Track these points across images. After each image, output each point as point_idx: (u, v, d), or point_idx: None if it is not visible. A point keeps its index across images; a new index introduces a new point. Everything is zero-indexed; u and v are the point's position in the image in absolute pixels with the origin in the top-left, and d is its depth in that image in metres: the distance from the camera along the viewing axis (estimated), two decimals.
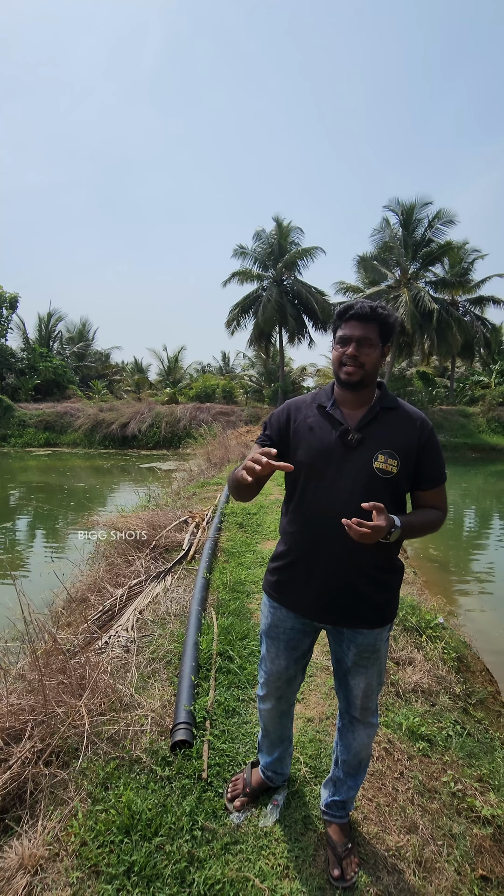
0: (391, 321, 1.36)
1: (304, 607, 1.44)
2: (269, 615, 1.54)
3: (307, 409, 1.46)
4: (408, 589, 4.41)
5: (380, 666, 1.48)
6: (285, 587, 1.48)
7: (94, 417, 24.16)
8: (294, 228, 25.00)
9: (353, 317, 1.34)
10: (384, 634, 1.45)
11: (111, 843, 1.52)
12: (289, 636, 1.50)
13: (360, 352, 1.33)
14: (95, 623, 3.29)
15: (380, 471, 1.31)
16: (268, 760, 1.74)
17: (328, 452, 1.36)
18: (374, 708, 1.54)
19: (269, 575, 1.54)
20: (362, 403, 1.40)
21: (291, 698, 1.63)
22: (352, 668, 1.46)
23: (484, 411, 23.85)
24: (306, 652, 1.55)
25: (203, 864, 1.48)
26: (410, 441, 1.35)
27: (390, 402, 1.41)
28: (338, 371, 1.38)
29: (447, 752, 2.20)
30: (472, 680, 3.38)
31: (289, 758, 1.77)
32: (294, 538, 1.45)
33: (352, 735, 1.55)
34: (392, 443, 1.34)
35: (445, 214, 21.91)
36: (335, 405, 1.41)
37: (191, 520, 5.23)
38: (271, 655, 1.54)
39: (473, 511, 11.93)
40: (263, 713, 1.65)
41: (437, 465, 1.39)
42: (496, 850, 1.76)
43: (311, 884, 1.47)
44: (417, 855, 1.63)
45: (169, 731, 2.00)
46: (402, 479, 1.34)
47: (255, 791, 1.74)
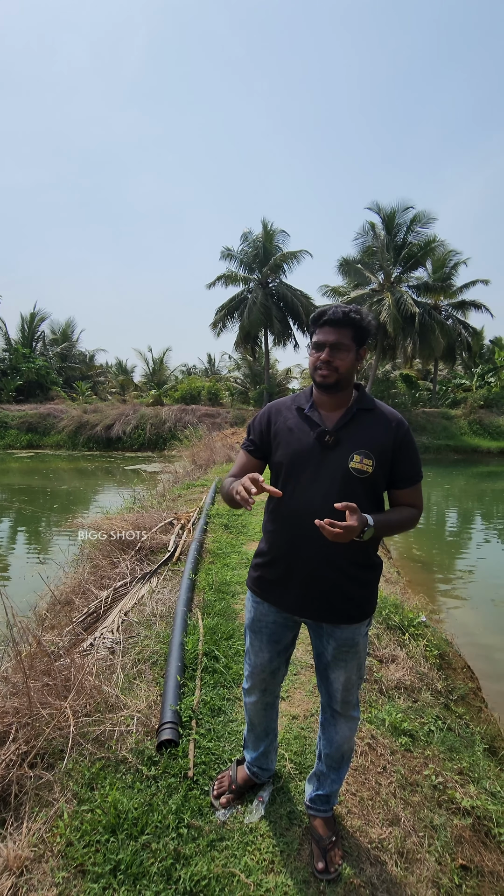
0: (365, 325, 1.39)
1: (285, 603, 1.48)
2: (252, 610, 1.58)
3: (287, 411, 1.50)
4: (391, 588, 4.48)
5: (359, 660, 1.51)
6: (267, 583, 1.52)
7: (77, 419, 23.93)
8: (279, 231, 25.17)
9: (327, 322, 1.37)
10: (363, 629, 1.48)
11: (97, 842, 1.52)
12: (271, 630, 1.54)
13: (333, 356, 1.36)
14: (80, 625, 3.27)
15: (355, 470, 1.35)
16: (253, 756, 1.76)
17: (306, 453, 1.40)
18: (355, 702, 1.57)
19: (252, 571, 1.59)
20: (340, 405, 1.44)
21: (276, 690, 1.66)
22: (332, 662, 1.50)
23: (466, 414, 24.28)
24: (289, 645, 1.59)
25: (189, 861, 1.49)
26: (386, 441, 1.39)
27: (367, 404, 1.44)
28: (313, 375, 1.42)
29: (429, 746, 2.24)
30: (454, 676, 3.45)
31: (274, 753, 1.80)
32: (274, 536, 1.49)
33: (334, 729, 1.58)
34: (368, 443, 1.37)
35: (425, 216, 22.27)
36: (313, 407, 1.45)
37: (176, 521, 5.23)
38: (255, 648, 1.58)
39: (456, 512, 12.13)
40: (249, 706, 1.68)
41: (412, 465, 1.43)
42: (475, 840, 1.81)
43: (296, 877, 1.50)
44: (399, 846, 1.67)
45: (155, 730, 2.01)
46: (379, 479, 1.38)
47: (241, 788, 1.75)
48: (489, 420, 23.94)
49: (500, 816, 1.93)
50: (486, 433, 23.49)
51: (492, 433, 23.47)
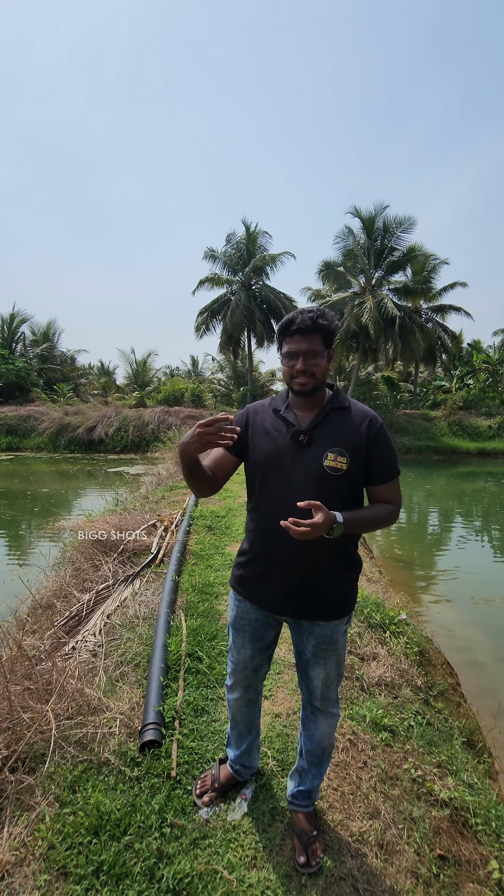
0: (333, 328, 1.40)
1: (265, 601, 1.51)
2: (235, 608, 1.60)
3: (264, 412, 1.53)
4: (372, 587, 4.54)
5: (338, 657, 1.54)
6: (248, 582, 1.55)
7: (59, 421, 23.63)
8: (262, 233, 25.25)
9: (297, 332, 1.38)
10: (342, 627, 1.51)
11: (79, 844, 1.52)
12: (253, 627, 1.57)
13: (308, 364, 1.39)
14: (62, 628, 3.24)
15: (329, 468, 1.37)
16: (236, 754, 1.77)
17: (282, 453, 1.42)
18: (335, 698, 1.60)
19: (235, 570, 1.61)
20: (314, 405, 1.47)
21: (258, 687, 1.69)
22: (311, 659, 1.52)
23: (445, 415, 24.70)
24: (271, 643, 1.61)
25: (172, 860, 1.50)
26: (359, 438, 1.41)
27: (341, 402, 1.47)
28: (290, 383, 1.45)
29: (408, 741, 2.29)
30: (434, 673, 3.52)
31: (256, 751, 1.82)
32: (254, 535, 1.52)
33: (314, 725, 1.61)
34: (341, 441, 1.40)
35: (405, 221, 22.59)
36: (289, 408, 1.49)
37: (159, 523, 5.22)
38: (237, 646, 1.61)
39: (437, 512, 12.32)
40: (232, 703, 1.70)
41: (387, 461, 1.45)
42: (453, 831, 1.85)
43: (279, 871, 1.52)
44: (379, 839, 1.70)
45: (138, 732, 2.01)
46: (354, 476, 1.41)
47: (224, 786, 1.77)
48: (468, 421, 24.38)
49: (477, 807, 1.98)
50: (465, 434, 23.92)
51: (471, 434, 23.91)
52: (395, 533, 9.58)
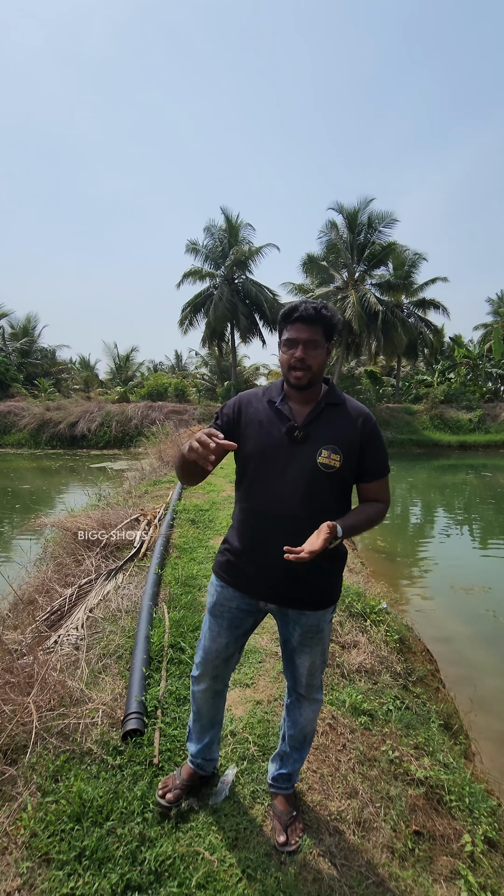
0: (335, 322, 1.41)
1: (252, 589, 1.50)
2: (216, 594, 1.57)
3: (258, 402, 1.50)
4: (354, 578, 4.61)
5: (323, 645, 1.56)
6: (233, 569, 1.53)
7: (40, 417, 23.28)
8: (244, 225, 25.10)
9: (299, 319, 1.38)
10: (328, 616, 1.54)
11: (62, 831, 1.54)
12: (233, 615, 1.54)
13: (307, 354, 1.38)
14: (44, 623, 3.23)
15: (323, 465, 1.37)
16: (197, 748, 1.72)
17: (275, 447, 1.41)
18: (319, 685, 1.63)
19: (219, 556, 1.59)
20: (310, 400, 1.47)
21: (226, 678, 1.66)
22: (297, 647, 1.54)
23: (427, 409, 25.04)
24: (247, 632, 1.60)
25: (154, 843, 1.53)
26: (353, 436, 1.42)
27: (336, 399, 1.47)
28: (287, 374, 1.43)
29: (387, 724, 2.35)
30: (413, 660, 3.60)
31: (217, 744, 1.77)
32: (243, 529, 1.50)
33: (298, 711, 1.64)
34: (335, 438, 1.40)
35: (387, 216, 22.74)
36: (284, 401, 1.47)
37: (142, 518, 5.21)
38: (213, 633, 1.57)
39: (419, 504, 12.52)
40: (197, 695, 1.66)
41: (379, 459, 1.47)
42: (428, 808, 1.92)
43: (258, 851, 1.56)
44: (357, 817, 1.76)
45: (120, 722, 2.03)
46: (346, 473, 1.42)
47: (187, 783, 1.70)
48: (449, 415, 24.76)
49: (451, 785, 2.05)
50: (446, 428, 24.30)
51: (452, 427, 24.30)
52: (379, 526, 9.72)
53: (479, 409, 25.11)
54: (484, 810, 2.00)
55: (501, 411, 25.13)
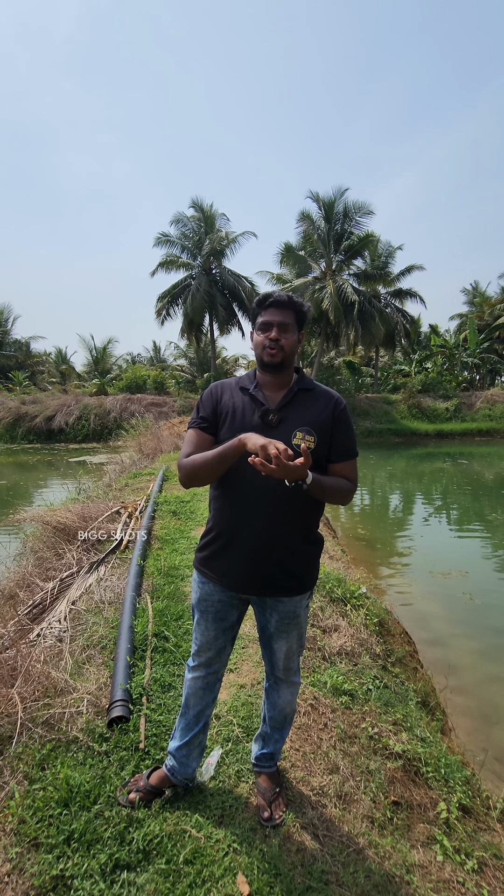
0: (304, 310, 1.51)
1: (229, 581, 1.51)
2: (199, 589, 1.59)
3: (232, 390, 1.54)
4: (335, 564, 4.70)
5: (300, 630, 1.61)
6: (212, 562, 1.55)
7: (15, 411, 22.85)
8: (219, 215, 24.87)
9: (273, 304, 1.47)
10: (304, 602, 1.58)
11: (50, 817, 1.56)
12: (217, 608, 1.56)
13: (280, 335, 1.45)
14: (27, 617, 3.22)
15: (298, 447, 1.42)
16: (177, 745, 1.66)
17: (251, 431, 1.43)
18: (296, 668, 1.68)
19: (198, 552, 1.61)
20: (282, 386, 1.52)
21: (220, 670, 1.66)
22: (274, 633, 1.58)
23: (405, 398, 25.42)
24: (234, 623, 1.61)
25: (142, 824, 1.56)
26: (325, 418, 1.48)
27: (307, 384, 1.54)
28: (261, 354, 1.48)
29: (367, 703, 2.43)
30: (392, 642, 3.71)
31: (198, 751, 1.69)
32: (219, 514, 1.53)
33: (277, 694, 1.69)
34: (309, 420, 1.46)
35: (364, 207, 22.81)
36: (257, 388, 1.52)
37: (123, 510, 5.20)
38: (201, 627, 1.60)
39: (398, 492, 12.75)
40: (189, 682, 1.65)
41: (348, 440, 1.53)
42: (406, 779, 2.00)
43: (244, 826, 1.61)
44: (338, 790, 1.82)
45: (105, 710, 2.05)
46: (320, 455, 1.47)
47: (152, 790, 1.66)
48: (427, 404, 25.19)
49: (428, 757, 2.14)
50: (423, 417, 24.73)
51: (429, 417, 24.74)
52: (358, 513, 9.88)
53: (455, 399, 25.61)
54: (458, 780, 2.09)
55: (477, 400, 25.68)
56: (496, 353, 29.65)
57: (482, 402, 25.37)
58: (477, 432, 23.69)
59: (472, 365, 28.60)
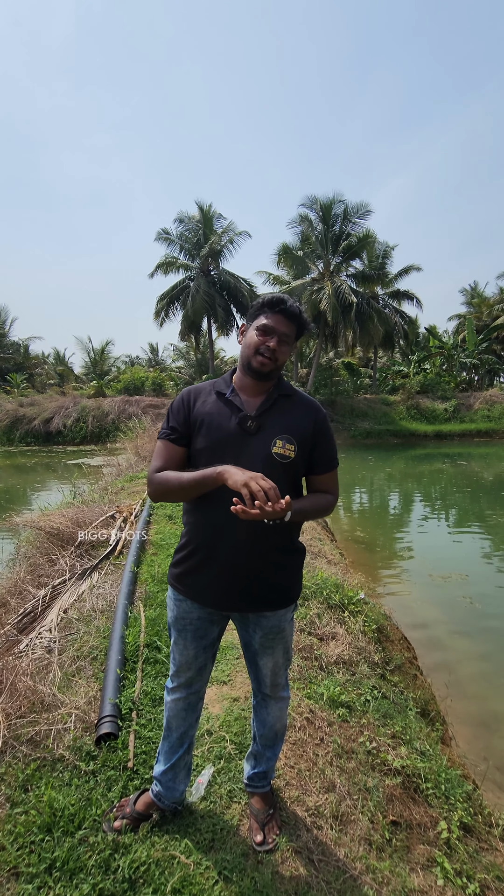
0: (307, 328, 1.46)
1: (208, 598, 1.43)
2: (175, 607, 1.50)
3: (207, 395, 1.45)
4: (332, 569, 4.63)
5: (285, 644, 1.53)
6: (188, 578, 1.45)
7: (13, 413, 22.76)
8: (217, 215, 24.83)
9: (283, 312, 1.38)
10: (288, 615, 1.50)
11: (31, 843, 1.49)
12: (195, 626, 1.47)
13: (279, 347, 1.37)
14: (16, 626, 3.14)
15: (278, 455, 1.34)
16: (161, 769, 1.58)
17: (227, 439, 1.36)
18: (284, 683, 1.60)
19: (173, 567, 1.51)
20: (262, 391, 1.44)
21: (201, 690, 1.58)
22: (259, 650, 1.50)
23: (404, 399, 25.38)
24: (215, 640, 1.53)
25: (129, 850, 1.49)
26: (306, 426, 1.40)
27: (287, 390, 1.46)
28: (251, 357, 1.38)
29: (364, 715, 2.36)
30: (391, 648, 3.64)
31: (185, 773, 1.62)
32: (193, 528, 1.43)
33: (265, 711, 1.62)
34: (289, 428, 1.38)
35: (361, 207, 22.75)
36: (234, 392, 1.43)
37: (118, 514, 5.12)
38: (179, 647, 1.51)
39: (397, 494, 12.69)
40: (170, 705, 1.56)
41: (329, 450, 1.46)
42: (405, 797, 1.93)
43: (235, 851, 1.54)
44: (335, 810, 1.75)
45: (94, 725, 1.98)
46: (299, 464, 1.40)
47: (139, 816, 1.58)
48: (425, 405, 25.16)
49: (427, 772, 2.07)
50: (422, 418, 24.69)
51: (427, 417, 24.70)
52: (357, 516, 9.81)
53: (453, 399, 25.57)
54: (459, 796, 2.03)
55: (475, 401, 25.65)
56: (495, 354, 29.64)
57: (481, 403, 25.34)
58: (476, 433, 23.65)
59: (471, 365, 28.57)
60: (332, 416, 24.23)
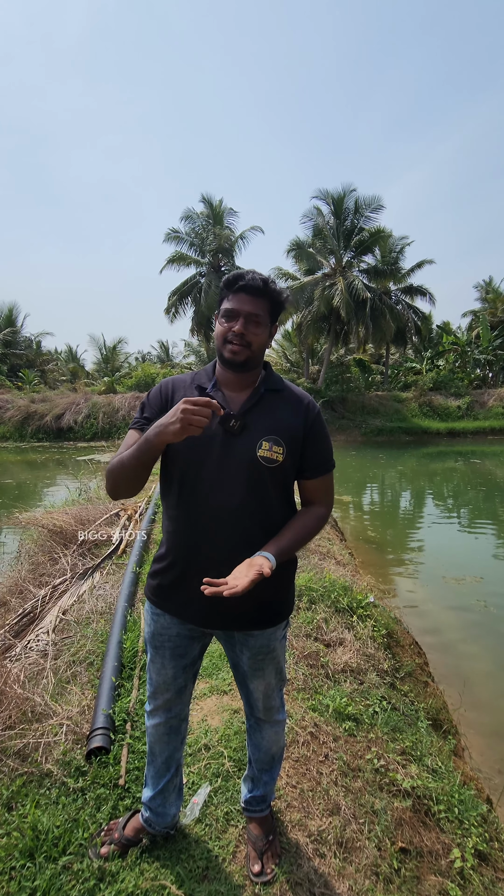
0: (282, 299, 1.25)
1: (188, 613, 1.29)
2: (152, 622, 1.37)
3: (186, 390, 1.29)
4: (341, 571, 4.50)
5: (277, 665, 1.40)
6: (166, 591, 1.32)
7: (25, 409, 22.87)
8: (228, 210, 24.67)
9: (243, 289, 1.20)
10: (279, 633, 1.36)
11: (12, 869, 1.39)
12: (174, 643, 1.34)
13: (247, 330, 1.20)
14: (14, 627, 3.07)
15: (264, 459, 1.20)
16: (149, 795, 1.48)
17: (208, 440, 1.20)
18: (279, 705, 1.48)
19: (150, 579, 1.37)
20: (246, 385, 1.28)
21: (182, 712, 1.45)
22: (248, 672, 1.37)
23: (416, 396, 25.02)
24: (196, 659, 1.40)
25: (115, 878, 1.39)
26: (296, 425, 1.25)
27: (276, 384, 1.30)
28: (221, 348, 1.23)
29: (372, 729, 2.23)
30: (402, 654, 3.50)
31: (176, 795, 1.52)
32: (174, 537, 1.29)
33: (259, 735, 1.49)
34: (277, 428, 1.23)
35: (374, 201, 22.44)
36: (216, 387, 1.28)
37: (123, 512, 5.04)
38: (157, 666, 1.38)
39: (409, 492, 12.48)
40: (150, 730, 1.44)
41: (323, 452, 1.30)
42: (415, 821, 1.80)
43: (231, 882, 1.43)
44: (339, 836, 1.63)
45: (85, 738, 1.88)
46: (289, 468, 1.25)
47: (128, 841, 1.48)
48: (438, 402, 24.77)
49: (440, 793, 1.94)
50: (435, 415, 24.32)
51: (440, 415, 24.32)
52: (368, 515, 9.64)
53: (467, 396, 25.14)
54: (474, 819, 1.89)
55: (489, 398, 25.20)
56: None
57: (495, 400, 24.89)
58: (490, 431, 23.23)
59: (485, 362, 28.06)
60: (343, 413, 24.00)
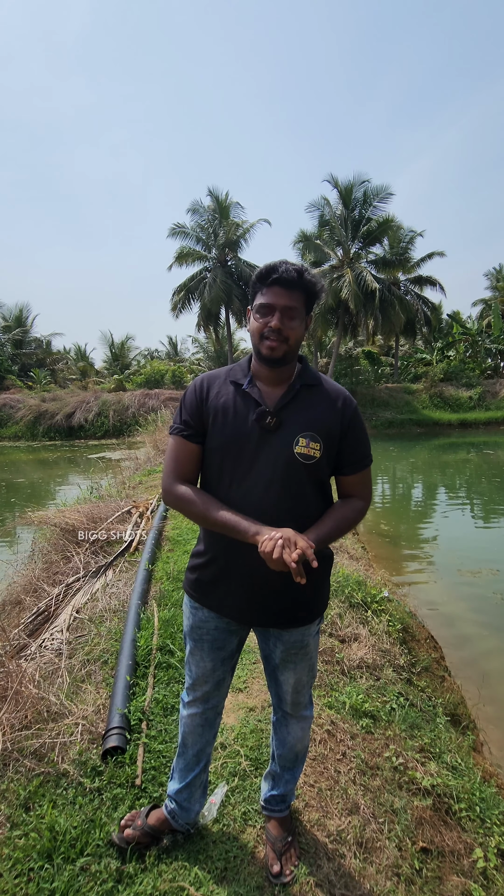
0: (318, 289, 1.23)
1: (226, 609, 1.31)
2: (191, 616, 1.39)
3: (222, 386, 1.28)
4: (354, 565, 4.46)
5: (310, 661, 1.40)
6: (205, 587, 1.34)
7: (36, 408, 23.08)
8: (234, 204, 24.49)
9: (277, 282, 1.18)
10: (313, 629, 1.36)
11: (30, 870, 1.38)
12: (213, 636, 1.36)
13: (284, 324, 1.18)
14: (29, 626, 3.08)
15: (301, 456, 1.19)
16: (176, 788, 1.48)
17: (244, 437, 1.21)
18: (307, 701, 1.47)
19: (189, 573, 1.40)
20: (282, 380, 1.26)
21: (219, 705, 1.46)
22: (280, 665, 1.38)
23: (427, 388, 24.74)
24: (234, 652, 1.41)
25: (133, 880, 1.38)
26: (333, 421, 1.23)
27: (312, 379, 1.27)
28: (258, 345, 1.22)
29: (390, 726, 2.20)
30: (417, 649, 3.46)
31: (201, 791, 1.52)
32: (211, 535, 1.30)
33: (286, 730, 1.48)
34: (314, 424, 1.21)
35: (382, 190, 22.07)
36: (252, 382, 1.27)
37: (134, 510, 5.05)
38: (196, 658, 1.39)
39: (421, 484, 12.36)
40: (186, 720, 1.46)
41: (361, 448, 1.29)
42: (436, 820, 1.77)
43: (250, 884, 1.41)
44: (358, 836, 1.60)
45: (101, 737, 1.87)
46: (325, 464, 1.23)
47: (149, 830, 1.47)
48: (449, 393, 24.48)
49: (460, 791, 1.90)
50: (446, 406, 24.04)
51: (451, 406, 24.04)
52: (380, 508, 9.57)
53: (478, 387, 24.81)
54: (496, 818, 1.86)
55: (501, 388, 24.84)
56: None
57: None
58: (502, 421, 22.92)
59: (497, 352, 27.62)
60: None
